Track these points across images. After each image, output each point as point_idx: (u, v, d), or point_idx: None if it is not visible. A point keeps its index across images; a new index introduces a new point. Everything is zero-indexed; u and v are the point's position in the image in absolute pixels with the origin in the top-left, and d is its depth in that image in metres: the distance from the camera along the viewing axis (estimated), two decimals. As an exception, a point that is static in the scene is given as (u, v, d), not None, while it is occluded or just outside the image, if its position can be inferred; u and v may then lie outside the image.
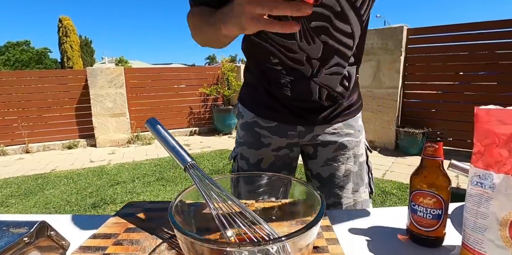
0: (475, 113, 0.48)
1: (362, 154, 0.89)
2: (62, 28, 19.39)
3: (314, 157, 0.89)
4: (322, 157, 0.87)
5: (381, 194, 2.84)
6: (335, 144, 0.86)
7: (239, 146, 0.91)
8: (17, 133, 4.94)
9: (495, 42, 3.74)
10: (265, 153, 0.87)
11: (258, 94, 0.87)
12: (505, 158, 0.44)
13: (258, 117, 0.87)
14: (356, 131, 0.88)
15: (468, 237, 0.49)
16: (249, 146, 0.88)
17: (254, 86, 0.88)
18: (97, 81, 5.12)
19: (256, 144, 0.87)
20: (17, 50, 28.71)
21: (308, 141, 0.87)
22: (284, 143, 0.87)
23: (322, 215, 0.38)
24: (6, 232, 0.44)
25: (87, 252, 0.51)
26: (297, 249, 0.40)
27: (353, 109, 0.89)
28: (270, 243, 0.32)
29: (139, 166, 4.03)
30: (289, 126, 0.85)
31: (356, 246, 0.56)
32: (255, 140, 0.87)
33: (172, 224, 0.35)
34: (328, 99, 0.82)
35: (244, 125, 0.90)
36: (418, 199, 0.55)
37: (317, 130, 0.85)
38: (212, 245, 0.33)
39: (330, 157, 0.86)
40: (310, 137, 0.86)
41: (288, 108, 0.83)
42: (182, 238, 0.37)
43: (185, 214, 0.48)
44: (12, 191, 3.27)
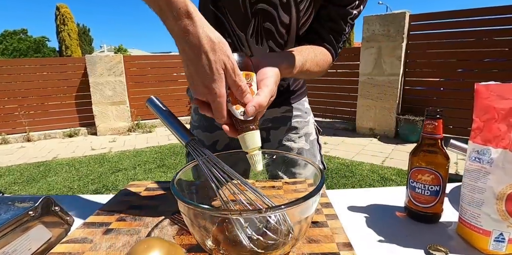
0: (475, 89, 0.48)
1: (311, 132, 0.93)
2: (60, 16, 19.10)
3: (268, 140, 0.92)
4: (275, 139, 0.90)
5: (381, 180, 2.86)
6: (286, 125, 0.90)
7: (193, 129, 0.93)
8: (18, 121, 4.94)
9: (499, 29, 3.69)
10: (220, 135, 0.89)
11: None
12: (503, 132, 0.44)
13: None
14: (303, 112, 0.92)
15: (465, 212, 0.50)
16: (203, 129, 0.90)
17: None
18: (96, 69, 5.09)
19: (209, 127, 0.89)
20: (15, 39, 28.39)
21: (260, 124, 0.90)
22: None
23: (322, 187, 0.39)
24: (12, 206, 0.45)
25: (91, 227, 0.52)
26: (296, 221, 0.41)
27: (298, 94, 0.92)
28: (270, 211, 0.33)
29: (140, 154, 4.06)
30: None
31: (355, 222, 0.57)
32: (209, 123, 0.89)
33: (175, 194, 0.36)
34: None
35: (197, 110, 0.91)
36: (417, 176, 0.56)
37: (267, 113, 0.88)
38: (214, 212, 0.33)
39: (282, 137, 0.90)
40: (261, 121, 0.89)
41: None
42: (185, 209, 0.38)
43: (187, 192, 0.49)
44: (14, 178, 3.30)
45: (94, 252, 0.45)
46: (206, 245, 0.40)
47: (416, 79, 4.34)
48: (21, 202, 0.46)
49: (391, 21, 4.15)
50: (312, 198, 0.36)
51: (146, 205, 0.61)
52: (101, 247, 0.46)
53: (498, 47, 3.74)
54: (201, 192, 0.55)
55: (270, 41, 0.73)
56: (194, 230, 0.40)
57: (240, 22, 0.71)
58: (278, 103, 0.88)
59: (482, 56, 3.88)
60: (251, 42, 0.73)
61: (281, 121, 0.89)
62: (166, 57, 6.51)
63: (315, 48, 0.70)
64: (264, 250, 0.39)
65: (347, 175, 3.04)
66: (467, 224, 0.50)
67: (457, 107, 3.95)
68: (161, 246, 0.28)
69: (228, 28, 0.73)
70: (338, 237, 0.47)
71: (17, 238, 0.42)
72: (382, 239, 0.52)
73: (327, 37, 0.73)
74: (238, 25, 0.72)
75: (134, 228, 0.52)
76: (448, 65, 4.14)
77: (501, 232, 0.46)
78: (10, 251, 0.40)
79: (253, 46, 0.74)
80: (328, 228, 0.50)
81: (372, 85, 4.42)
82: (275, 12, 0.69)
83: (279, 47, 0.75)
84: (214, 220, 0.44)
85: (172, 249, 0.29)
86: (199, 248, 0.45)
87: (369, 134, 4.56)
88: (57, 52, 25.33)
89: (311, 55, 0.66)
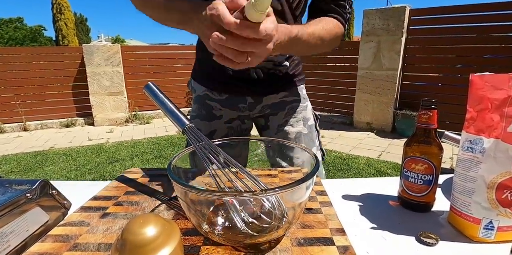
0: (470, 79, 0.48)
1: (310, 118, 0.94)
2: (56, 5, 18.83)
3: (267, 128, 0.93)
4: (274, 125, 0.91)
5: (376, 174, 2.89)
6: (284, 110, 0.91)
7: (192, 119, 0.93)
8: (14, 110, 4.91)
9: (500, 25, 3.68)
10: (218, 124, 0.90)
11: (208, 69, 0.89)
12: (496, 122, 0.45)
13: (209, 90, 0.90)
14: (301, 98, 0.93)
15: (456, 200, 0.51)
16: (202, 118, 0.90)
17: (204, 62, 0.91)
18: (93, 59, 5.05)
19: (208, 116, 0.89)
20: (10, 28, 27.99)
21: (258, 112, 0.91)
22: (235, 115, 0.91)
23: (316, 171, 0.39)
24: (9, 188, 0.46)
25: (88, 211, 0.53)
26: (290, 206, 0.42)
27: (296, 80, 0.93)
28: (264, 193, 0.33)
29: (138, 144, 4.06)
30: (239, 98, 0.89)
31: (348, 210, 0.58)
32: (207, 112, 0.90)
33: (171, 177, 0.36)
34: (267, 76, 0.86)
35: (196, 99, 0.92)
36: (410, 165, 0.56)
37: (266, 100, 0.89)
38: (209, 194, 0.34)
39: (281, 122, 0.91)
40: (260, 108, 0.90)
41: (235, 81, 0.87)
42: (181, 192, 0.38)
43: (184, 179, 0.49)
44: (11, 167, 3.30)
45: (91, 235, 0.46)
46: (202, 228, 0.41)
47: (415, 74, 4.34)
48: (19, 184, 0.47)
49: (391, 15, 4.13)
50: (305, 182, 0.37)
51: (143, 190, 0.62)
52: (98, 230, 0.47)
53: (498, 43, 3.73)
54: (198, 179, 0.56)
55: None
56: (190, 214, 0.41)
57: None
58: (277, 89, 0.89)
59: (482, 52, 3.87)
60: None
61: (280, 106, 0.90)
62: (164, 48, 6.47)
63: (321, 19, 0.72)
64: (258, 233, 0.39)
65: (343, 168, 3.06)
66: (458, 213, 0.51)
67: (455, 103, 3.95)
68: (156, 221, 0.29)
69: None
70: (331, 223, 0.48)
71: (15, 219, 0.42)
72: (375, 226, 0.53)
73: (330, 8, 0.75)
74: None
75: (131, 213, 0.53)
76: (447, 61, 4.14)
77: (491, 220, 0.47)
78: (7, 231, 0.41)
79: None
80: (322, 215, 0.51)
81: (370, 79, 4.42)
82: None
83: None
84: (210, 203, 0.45)
85: (168, 225, 0.30)
86: (194, 232, 0.46)
87: (366, 128, 4.58)
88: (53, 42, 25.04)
89: (319, 25, 0.68)
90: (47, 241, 0.44)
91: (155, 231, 0.28)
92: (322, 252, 0.41)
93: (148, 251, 0.27)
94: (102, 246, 0.43)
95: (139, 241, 0.27)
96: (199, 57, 0.94)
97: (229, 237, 0.42)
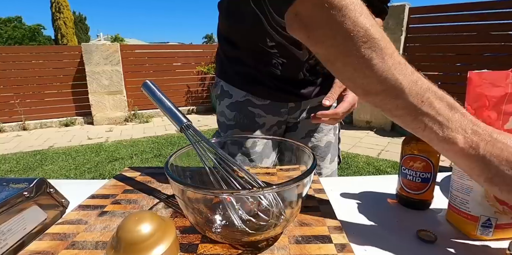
0: (468, 77, 0.48)
1: (337, 125, 0.90)
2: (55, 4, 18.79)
3: (294, 129, 0.87)
4: (303, 128, 0.86)
5: (376, 172, 2.89)
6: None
7: (228, 129, 0.83)
8: (13, 110, 4.91)
9: (500, 23, 3.67)
10: (259, 134, 0.83)
11: (247, 70, 0.80)
12: (493, 120, 0.45)
13: (251, 95, 0.81)
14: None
15: (454, 198, 0.51)
16: (243, 128, 0.81)
17: (241, 62, 0.80)
18: (92, 58, 5.04)
19: (251, 125, 0.81)
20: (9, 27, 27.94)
21: (295, 117, 0.86)
22: (275, 121, 0.85)
23: (313, 169, 0.39)
24: (6, 187, 0.45)
25: (86, 210, 0.53)
26: (288, 203, 0.42)
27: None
28: (261, 190, 0.33)
29: (137, 143, 4.06)
30: (282, 104, 0.83)
31: (347, 208, 0.58)
32: (250, 120, 0.81)
33: (168, 175, 0.36)
34: (311, 74, 0.80)
35: (235, 105, 0.82)
36: (409, 163, 0.56)
37: (304, 104, 0.85)
38: (206, 192, 0.34)
39: (313, 128, 0.85)
40: (298, 113, 0.85)
41: (279, 85, 0.80)
42: (178, 189, 0.38)
43: (182, 177, 0.49)
44: (11, 167, 3.30)
45: (89, 233, 0.46)
46: (199, 226, 0.41)
47: (414, 72, 4.32)
48: (16, 183, 0.47)
49: (390, 13, 4.08)
50: (303, 180, 0.37)
51: (141, 189, 0.61)
52: (95, 228, 0.47)
53: (498, 41, 3.73)
54: (196, 177, 0.56)
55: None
56: (187, 212, 0.41)
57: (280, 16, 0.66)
58: (316, 94, 0.83)
59: (482, 50, 3.87)
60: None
61: (316, 111, 0.85)
62: (164, 47, 6.46)
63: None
64: (255, 231, 0.39)
65: (342, 167, 3.06)
66: (456, 210, 0.51)
67: (455, 101, 3.94)
68: (152, 219, 0.29)
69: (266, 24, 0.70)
70: (329, 221, 0.48)
71: (12, 218, 0.42)
72: (373, 224, 0.53)
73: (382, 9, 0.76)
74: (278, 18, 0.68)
75: (129, 211, 0.53)
76: (447, 59, 4.13)
77: (489, 217, 0.47)
78: (5, 230, 0.41)
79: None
80: (320, 213, 0.51)
81: (370, 78, 4.41)
82: None
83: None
84: (207, 201, 0.45)
85: (163, 222, 0.30)
86: (192, 230, 0.46)
87: (365, 126, 4.58)
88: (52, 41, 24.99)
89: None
90: (44, 240, 0.44)
91: (150, 228, 0.28)
92: (319, 250, 0.41)
93: (143, 248, 0.27)
94: (100, 244, 0.43)
95: (134, 238, 0.27)
96: (232, 56, 0.82)
97: (227, 235, 0.42)
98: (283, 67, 0.77)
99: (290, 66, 0.77)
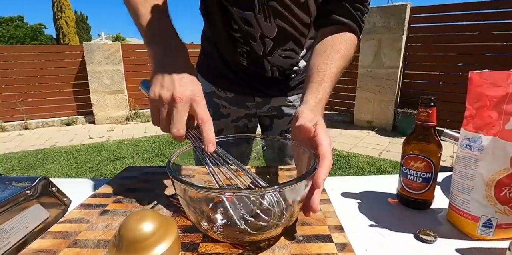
0: (469, 77, 0.48)
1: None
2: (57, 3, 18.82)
3: (270, 128, 0.91)
4: (277, 128, 0.89)
5: (377, 172, 2.89)
6: (290, 117, 0.88)
7: None
8: (15, 109, 4.92)
9: (502, 22, 3.65)
10: (225, 123, 0.88)
11: (215, 63, 0.85)
12: (494, 120, 0.45)
13: (216, 87, 0.86)
14: None
15: (455, 198, 0.51)
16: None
17: (211, 55, 0.86)
18: (94, 57, 5.04)
19: (215, 115, 0.86)
20: (11, 26, 28.01)
21: (265, 111, 0.88)
22: (242, 113, 0.88)
23: (315, 169, 0.39)
24: (9, 185, 0.46)
25: (88, 208, 0.53)
26: (289, 203, 0.42)
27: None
28: (263, 190, 0.34)
29: (138, 143, 4.07)
30: (247, 98, 0.86)
31: (347, 207, 0.58)
32: (214, 110, 0.86)
33: (170, 174, 0.37)
34: (281, 75, 0.82)
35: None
36: (409, 163, 0.56)
37: (274, 101, 0.87)
38: (207, 191, 0.34)
39: (285, 128, 0.89)
40: (267, 108, 0.87)
41: (245, 81, 0.83)
42: (180, 189, 0.38)
43: (183, 176, 0.50)
44: (13, 166, 3.31)
45: (91, 232, 0.46)
46: (201, 225, 0.41)
47: (416, 72, 4.32)
48: (19, 182, 0.47)
49: (391, 13, 4.12)
50: (305, 180, 0.37)
51: (142, 188, 0.62)
52: (97, 227, 0.47)
53: (500, 41, 3.72)
54: (198, 177, 0.56)
55: (277, 19, 0.71)
56: (189, 211, 0.41)
57: (243, 4, 0.69)
58: (286, 92, 0.86)
59: (484, 50, 3.86)
60: (260, 19, 0.70)
61: (286, 111, 0.88)
62: (165, 46, 6.42)
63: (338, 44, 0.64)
64: (257, 231, 0.40)
65: (343, 167, 3.06)
66: (457, 210, 0.51)
67: (457, 101, 3.93)
68: (153, 217, 0.29)
69: (232, 11, 0.71)
70: (330, 221, 0.48)
71: (15, 216, 0.43)
72: (373, 223, 0.53)
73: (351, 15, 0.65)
74: (243, 7, 0.69)
75: (131, 210, 0.53)
76: (449, 59, 4.12)
77: (489, 217, 0.47)
78: (7, 228, 0.41)
79: (262, 23, 0.71)
80: (320, 212, 0.51)
81: (371, 77, 4.41)
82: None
83: (291, 26, 0.72)
84: (209, 201, 0.45)
85: (165, 221, 0.30)
86: (194, 229, 0.46)
87: (366, 126, 4.57)
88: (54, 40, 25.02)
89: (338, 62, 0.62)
90: (47, 238, 0.44)
91: (152, 227, 0.28)
92: (320, 249, 0.41)
93: (145, 246, 0.27)
94: (102, 243, 0.43)
95: (136, 237, 0.27)
96: (206, 50, 0.88)
97: (228, 235, 0.42)
98: (248, 57, 0.79)
99: (253, 56, 0.78)
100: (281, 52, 0.77)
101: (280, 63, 0.80)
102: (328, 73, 0.59)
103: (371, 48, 4.34)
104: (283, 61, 0.79)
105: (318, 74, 0.58)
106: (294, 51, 0.78)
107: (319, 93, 0.56)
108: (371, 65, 4.38)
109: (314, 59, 0.62)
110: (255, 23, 0.71)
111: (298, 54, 0.80)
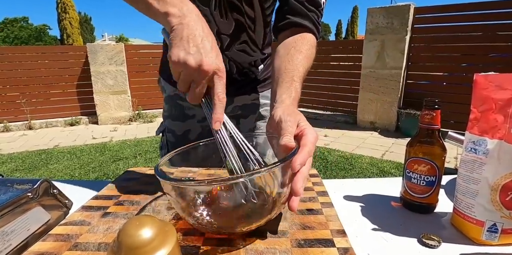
0: (474, 79, 0.48)
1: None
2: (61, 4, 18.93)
3: (238, 128, 0.92)
4: (245, 127, 0.90)
5: (380, 173, 2.88)
6: (255, 114, 0.89)
7: (165, 119, 0.91)
8: (20, 109, 4.95)
9: (506, 23, 3.63)
10: (191, 124, 0.88)
11: None
12: (500, 123, 0.44)
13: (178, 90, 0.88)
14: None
15: (459, 202, 0.51)
16: (174, 118, 0.88)
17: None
18: (97, 58, 5.07)
19: (181, 116, 0.87)
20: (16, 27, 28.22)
21: (230, 111, 0.90)
22: None
23: (294, 155, 0.40)
24: (11, 188, 0.46)
25: (89, 211, 0.53)
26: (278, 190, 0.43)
27: (268, 83, 0.90)
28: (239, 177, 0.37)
29: (141, 143, 4.08)
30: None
31: (350, 211, 0.58)
32: (179, 112, 0.87)
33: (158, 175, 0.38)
34: (240, 75, 0.83)
35: (167, 99, 0.90)
36: (413, 166, 0.56)
37: (237, 100, 0.88)
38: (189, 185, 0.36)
39: (251, 126, 0.90)
40: (231, 108, 0.88)
41: None
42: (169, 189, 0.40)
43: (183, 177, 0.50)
44: (17, 165, 3.33)
45: (92, 234, 0.46)
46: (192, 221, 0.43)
47: (419, 73, 4.30)
48: (20, 184, 0.47)
49: (395, 13, 4.10)
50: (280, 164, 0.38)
51: (144, 190, 0.61)
52: (98, 229, 0.47)
53: (504, 41, 3.69)
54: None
55: (234, 13, 0.71)
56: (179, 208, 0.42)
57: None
58: (248, 91, 0.88)
59: (488, 50, 3.83)
60: (216, 15, 0.71)
61: (251, 109, 0.89)
62: (168, 47, 6.44)
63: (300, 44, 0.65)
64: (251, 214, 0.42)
65: (346, 168, 3.05)
66: (461, 214, 0.50)
67: (460, 102, 3.90)
68: (152, 223, 0.29)
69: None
70: (332, 224, 0.48)
71: (16, 219, 0.43)
72: (376, 227, 0.52)
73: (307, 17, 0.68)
74: (201, 1, 0.69)
75: (132, 212, 0.53)
76: (452, 60, 4.10)
77: (494, 222, 0.47)
78: (9, 230, 0.41)
79: (218, 20, 0.72)
80: (323, 216, 0.50)
81: (374, 78, 4.39)
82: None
83: (249, 19, 0.73)
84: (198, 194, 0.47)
85: (164, 226, 0.30)
86: (194, 232, 0.46)
87: (369, 127, 4.56)
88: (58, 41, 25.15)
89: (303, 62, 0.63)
90: (48, 240, 0.44)
91: (151, 233, 0.28)
92: (322, 254, 0.40)
93: (144, 253, 0.27)
94: (102, 246, 0.43)
95: (135, 243, 0.27)
96: (165, 50, 0.89)
97: (222, 225, 0.43)
98: None
99: None
100: (237, 46, 0.78)
101: (238, 59, 0.80)
102: (297, 73, 0.60)
103: (374, 48, 4.32)
104: (240, 57, 0.80)
105: (287, 75, 0.59)
106: (247, 44, 0.78)
107: (292, 92, 0.57)
108: (374, 66, 4.37)
109: (278, 61, 0.64)
110: (212, 19, 0.72)
111: (253, 50, 0.80)
